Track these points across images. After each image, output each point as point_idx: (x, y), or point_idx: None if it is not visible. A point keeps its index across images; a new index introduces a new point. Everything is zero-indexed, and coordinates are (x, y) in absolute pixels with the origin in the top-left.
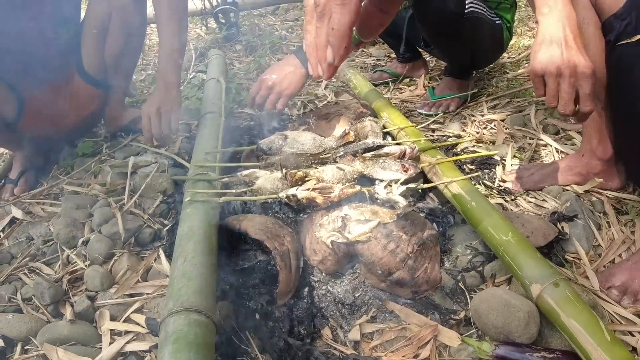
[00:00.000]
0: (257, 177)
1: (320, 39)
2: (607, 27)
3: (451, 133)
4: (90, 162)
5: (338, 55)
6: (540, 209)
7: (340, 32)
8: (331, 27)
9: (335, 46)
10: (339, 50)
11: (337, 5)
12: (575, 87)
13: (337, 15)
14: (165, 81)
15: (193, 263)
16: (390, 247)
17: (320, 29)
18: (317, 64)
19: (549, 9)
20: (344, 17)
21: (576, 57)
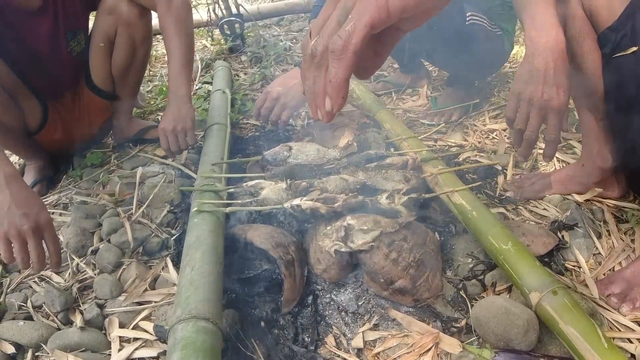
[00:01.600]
0: (262, 187)
1: (317, 87)
2: (603, 40)
3: (453, 143)
4: (98, 172)
5: (336, 105)
6: (541, 218)
7: (337, 85)
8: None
9: (333, 97)
10: (336, 100)
11: (334, 60)
12: (543, 118)
13: (333, 69)
14: (177, 95)
15: (200, 272)
16: (392, 256)
17: (317, 77)
18: (316, 110)
19: (537, 35)
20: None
21: (551, 92)
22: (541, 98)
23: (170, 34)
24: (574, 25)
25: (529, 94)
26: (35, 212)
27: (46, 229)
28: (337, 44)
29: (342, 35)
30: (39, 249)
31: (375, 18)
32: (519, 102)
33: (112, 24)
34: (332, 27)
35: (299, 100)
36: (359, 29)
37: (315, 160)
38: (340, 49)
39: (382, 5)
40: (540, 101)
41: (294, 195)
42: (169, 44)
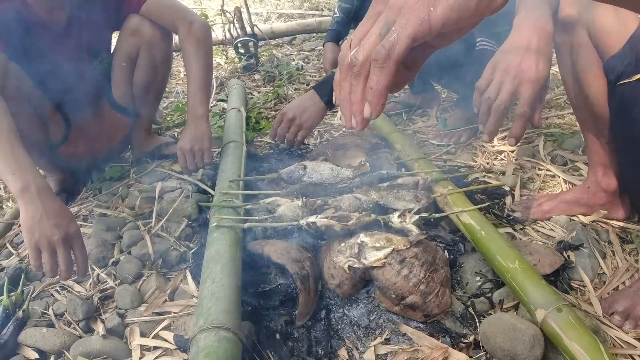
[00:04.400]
0: (279, 204)
1: (356, 95)
2: (608, 68)
3: (462, 163)
4: (117, 185)
5: (376, 111)
6: (548, 238)
7: (379, 92)
8: (370, 87)
9: (373, 103)
10: (376, 107)
11: (376, 68)
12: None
13: (375, 77)
14: (195, 115)
15: (221, 284)
16: (403, 273)
17: (356, 86)
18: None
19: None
20: (382, 78)
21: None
22: (518, 67)
23: (190, 56)
24: (580, 52)
25: (506, 63)
26: (66, 223)
27: (75, 239)
28: (381, 53)
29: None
30: (67, 259)
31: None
32: (494, 71)
33: (134, 44)
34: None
35: (314, 121)
36: (402, 40)
37: (329, 179)
38: (383, 58)
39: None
40: (516, 70)
41: (309, 213)
42: (189, 65)
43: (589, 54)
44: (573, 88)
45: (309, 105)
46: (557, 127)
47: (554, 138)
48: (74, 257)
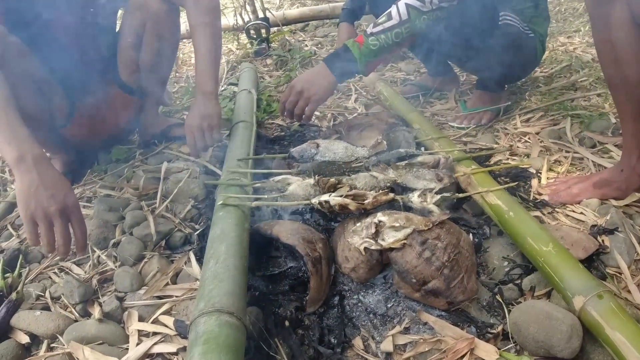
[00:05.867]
0: (289, 183)
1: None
2: None
3: (484, 146)
4: (123, 167)
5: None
6: (579, 223)
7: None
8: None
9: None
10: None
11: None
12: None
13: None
14: (203, 91)
15: (225, 265)
16: (425, 255)
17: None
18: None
19: None
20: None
21: None
22: None
23: (198, 31)
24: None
25: None
26: (64, 194)
27: (73, 211)
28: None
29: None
30: (65, 232)
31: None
32: None
33: (140, 19)
34: None
35: (323, 94)
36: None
37: (343, 158)
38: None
39: None
40: None
41: (322, 192)
42: (197, 40)
43: (631, 29)
44: (610, 65)
45: (319, 78)
46: (583, 109)
47: (581, 119)
48: (72, 232)
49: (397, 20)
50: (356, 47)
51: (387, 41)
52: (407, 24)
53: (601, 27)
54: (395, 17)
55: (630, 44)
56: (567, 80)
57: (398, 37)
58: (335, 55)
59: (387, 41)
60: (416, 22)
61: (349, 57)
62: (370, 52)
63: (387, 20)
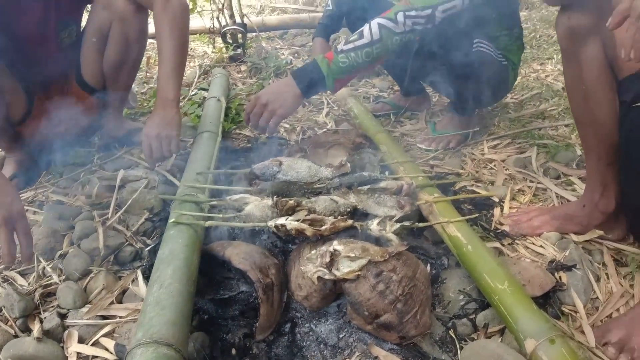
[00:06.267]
0: (246, 202)
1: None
2: (624, 87)
3: (450, 170)
4: (80, 171)
5: None
6: (538, 256)
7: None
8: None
9: None
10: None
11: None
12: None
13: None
14: (164, 98)
15: (169, 290)
16: (379, 288)
17: None
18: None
19: None
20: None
21: None
22: None
23: (163, 35)
24: (591, 66)
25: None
26: (9, 202)
27: (18, 220)
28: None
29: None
30: (9, 241)
31: None
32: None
33: (106, 18)
34: None
35: (287, 109)
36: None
37: (306, 177)
38: None
39: None
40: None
41: (279, 214)
42: (162, 44)
43: (602, 70)
44: (579, 103)
45: (285, 91)
46: (550, 139)
47: (547, 150)
48: (17, 241)
49: (368, 39)
50: (325, 64)
51: (357, 59)
52: (378, 44)
53: (572, 64)
54: (367, 36)
55: (601, 84)
56: (536, 108)
57: (368, 57)
58: (304, 70)
59: (357, 59)
60: (388, 43)
61: (317, 72)
62: (339, 70)
63: (359, 38)
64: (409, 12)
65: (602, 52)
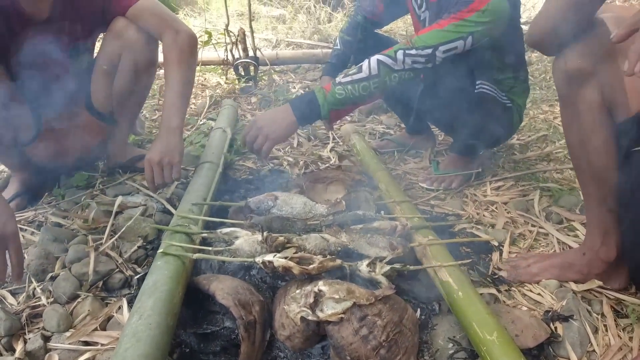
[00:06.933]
0: (237, 236)
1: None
2: (622, 131)
3: (451, 211)
4: (81, 194)
5: None
6: (535, 304)
7: None
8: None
9: None
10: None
11: None
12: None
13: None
14: (168, 126)
15: (147, 323)
16: (362, 333)
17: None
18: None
19: None
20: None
21: None
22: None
23: (171, 66)
24: (590, 110)
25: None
26: (3, 221)
27: (11, 239)
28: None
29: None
30: (1, 260)
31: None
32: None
33: (117, 47)
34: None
35: (281, 134)
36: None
37: (300, 214)
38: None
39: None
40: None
41: (268, 250)
42: (169, 74)
43: (600, 114)
44: (577, 148)
45: (280, 117)
46: (554, 182)
47: (551, 193)
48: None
49: (366, 74)
50: (322, 94)
51: (354, 92)
52: (376, 79)
53: (570, 109)
54: (366, 70)
55: (598, 128)
56: (542, 150)
57: (365, 91)
58: (301, 99)
59: (354, 92)
60: (385, 79)
61: (313, 102)
62: (335, 101)
63: (357, 72)
64: (409, 50)
65: (600, 96)
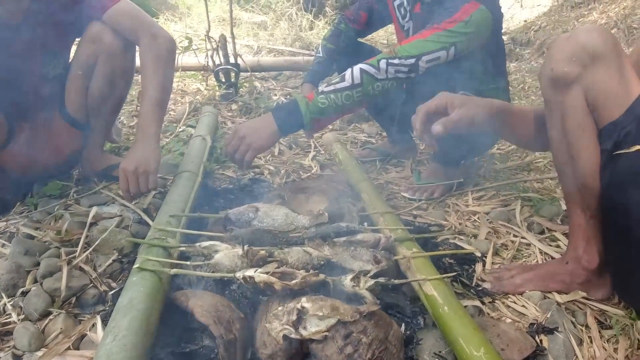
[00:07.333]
0: (216, 250)
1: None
2: (604, 134)
3: (433, 221)
4: (55, 204)
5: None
6: (519, 316)
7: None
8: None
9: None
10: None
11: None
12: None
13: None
14: (145, 133)
15: (122, 344)
16: (347, 351)
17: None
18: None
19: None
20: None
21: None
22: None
23: (148, 71)
24: (574, 115)
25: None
26: None
27: None
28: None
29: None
30: None
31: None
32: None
33: (93, 52)
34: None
35: (262, 144)
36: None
37: (282, 226)
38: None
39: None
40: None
41: (249, 264)
42: (145, 80)
43: (584, 118)
44: (561, 154)
45: (262, 126)
46: (535, 192)
47: (532, 203)
48: None
49: (349, 83)
50: (304, 103)
51: (337, 101)
52: (359, 89)
53: (555, 114)
54: (349, 79)
55: (583, 132)
56: (522, 160)
57: (348, 100)
58: (283, 108)
59: (337, 101)
60: (368, 88)
61: (295, 111)
62: (317, 110)
63: (340, 81)
64: (392, 60)
65: (584, 101)
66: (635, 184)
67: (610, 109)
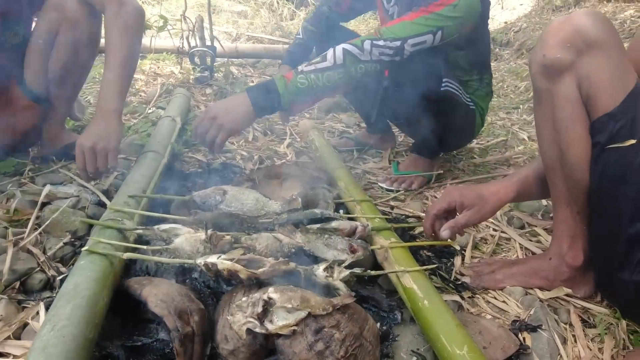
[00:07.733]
0: (177, 234)
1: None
2: (597, 127)
3: (411, 213)
4: (7, 182)
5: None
6: (501, 312)
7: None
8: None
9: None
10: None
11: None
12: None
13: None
14: (105, 108)
15: (61, 335)
16: (318, 348)
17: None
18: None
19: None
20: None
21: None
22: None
23: (113, 41)
24: (565, 106)
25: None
26: None
27: None
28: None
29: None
30: None
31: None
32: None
33: (55, 20)
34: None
35: (236, 124)
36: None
37: (252, 210)
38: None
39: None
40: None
41: (212, 250)
42: (109, 51)
43: (576, 109)
44: (550, 146)
45: (236, 107)
46: None
47: None
48: None
49: (331, 63)
50: (283, 82)
51: (317, 82)
52: (341, 69)
53: (545, 103)
54: (330, 59)
55: (574, 123)
56: (501, 155)
57: (329, 81)
58: (260, 87)
59: (317, 82)
60: (351, 69)
61: (273, 91)
62: (296, 90)
63: (321, 61)
64: (377, 41)
65: (577, 90)
66: (627, 180)
67: (605, 100)
